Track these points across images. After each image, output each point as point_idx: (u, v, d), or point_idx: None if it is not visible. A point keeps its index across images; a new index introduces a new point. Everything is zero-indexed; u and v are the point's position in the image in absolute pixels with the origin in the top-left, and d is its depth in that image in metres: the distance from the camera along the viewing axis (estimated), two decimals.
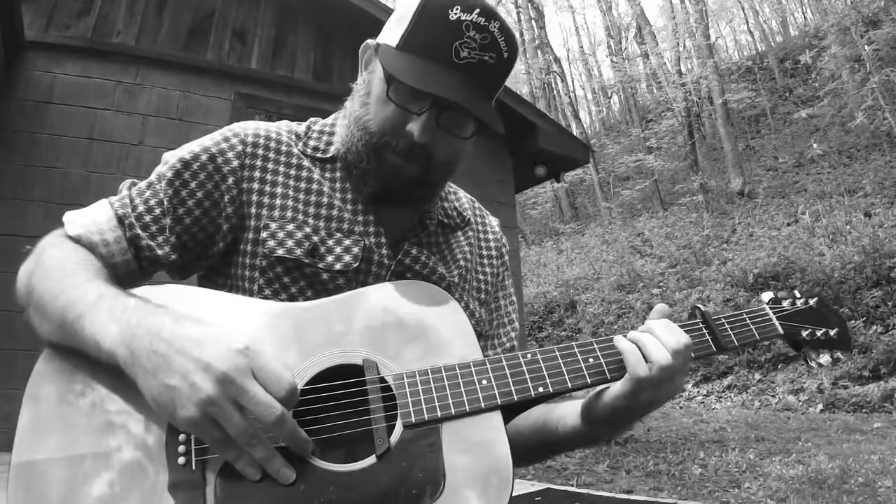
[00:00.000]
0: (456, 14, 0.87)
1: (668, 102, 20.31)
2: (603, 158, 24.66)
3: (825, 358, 1.03)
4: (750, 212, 15.63)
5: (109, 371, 0.77)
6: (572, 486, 4.83)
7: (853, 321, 9.03)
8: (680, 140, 19.95)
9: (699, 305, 1.00)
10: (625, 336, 0.90)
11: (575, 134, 14.09)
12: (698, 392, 10.45)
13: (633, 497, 4.36)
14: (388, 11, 5.89)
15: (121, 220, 0.93)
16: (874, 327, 8.97)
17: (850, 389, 8.57)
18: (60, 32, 4.95)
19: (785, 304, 1.05)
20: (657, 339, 0.87)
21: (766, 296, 1.07)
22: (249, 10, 5.78)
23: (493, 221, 1.23)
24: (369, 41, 0.99)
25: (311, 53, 5.96)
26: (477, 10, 0.88)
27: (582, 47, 38.56)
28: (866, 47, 14.75)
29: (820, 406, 8.59)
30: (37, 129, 4.74)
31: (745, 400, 9.65)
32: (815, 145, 15.03)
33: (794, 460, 5.24)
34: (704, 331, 0.95)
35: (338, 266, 0.95)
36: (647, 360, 0.85)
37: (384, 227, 1.00)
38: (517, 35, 1.22)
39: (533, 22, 27.70)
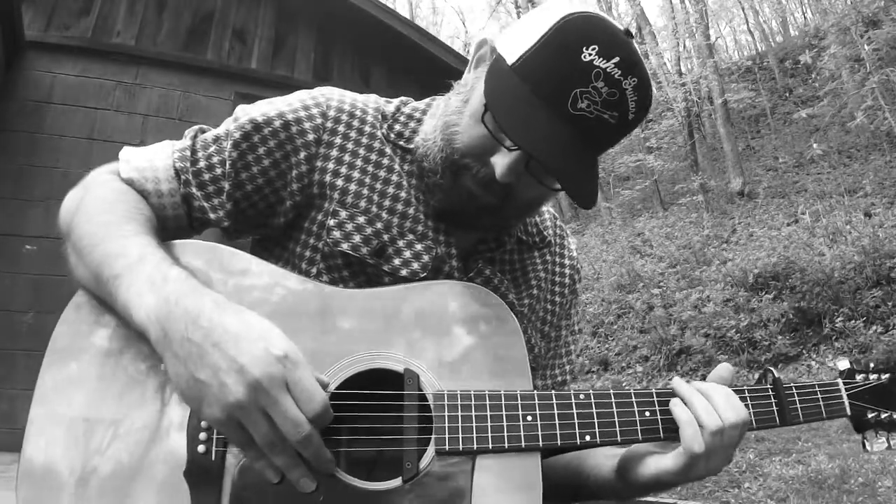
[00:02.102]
0: (590, 56, 0.73)
1: (668, 102, 20.30)
2: (603, 158, 24.55)
3: (881, 443, 0.97)
4: (750, 212, 15.63)
5: (140, 337, 0.73)
6: None
7: (853, 321, 9.02)
8: (680, 140, 19.94)
9: (772, 370, 0.94)
10: (682, 400, 0.82)
11: None
12: None
13: None
14: (389, 11, 5.88)
15: (178, 172, 0.87)
16: (874, 327, 8.96)
17: None
18: (60, 32, 4.95)
19: (858, 378, 0.99)
20: (716, 414, 0.78)
21: (843, 364, 1.01)
22: (249, 10, 5.78)
23: (573, 245, 1.13)
24: (487, 38, 0.87)
25: (311, 53, 5.96)
26: (616, 60, 0.74)
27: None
28: (866, 47, 14.74)
29: None
30: (37, 129, 4.75)
31: None
32: (815, 145, 15.02)
33: (794, 460, 5.24)
34: (773, 401, 0.89)
35: (404, 272, 0.87)
36: (700, 427, 0.78)
37: (456, 239, 0.92)
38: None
39: None
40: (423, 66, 5.88)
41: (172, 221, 0.87)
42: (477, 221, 0.89)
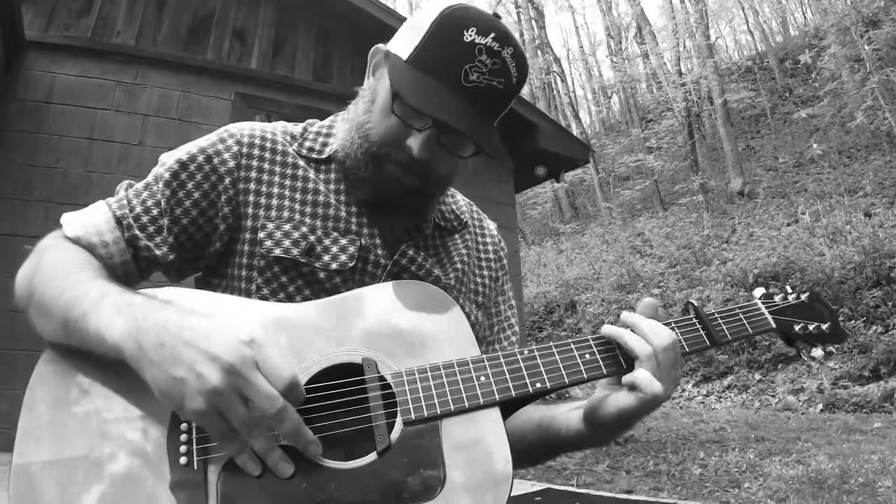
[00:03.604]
0: (470, 36, 0.87)
1: (668, 102, 20.31)
2: (603, 158, 24.66)
3: (818, 352, 1.05)
4: (750, 212, 15.63)
5: (111, 372, 0.77)
6: (572, 486, 4.83)
7: (853, 321, 9.03)
8: (680, 140, 19.95)
9: (692, 301, 1.02)
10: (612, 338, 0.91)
11: (575, 134, 14.09)
12: (698, 392, 10.45)
13: (633, 497, 4.36)
14: (389, 12, 5.88)
15: (119, 220, 0.93)
16: (874, 327, 8.97)
17: (850, 389, 8.56)
18: (60, 32, 4.95)
19: (777, 298, 1.08)
20: (649, 323, 0.89)
21: (758, 291, 1.09)
22: (249, 10, 5.78)
23: (492, 225, 1.23)
24: (380, 46, 0.99)
25: (311, 53, 5.97)
26: (492, 35, 0.87)
27: (582, 47, 38.57)
28: (866, 47, 14.75)
29: (820, 406, 8.59)
30: (37, 129, 4.74)
31: (745, 400, 9.65)
32: (815, 145, 15.03)
33: (794, 460, 5.24)
34: (698, 325, 0.97)
35: (334, 265, 0.96)
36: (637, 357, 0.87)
37: (380, 230, 1.01)
38: (517, 35, 1.22)
39: (533, 22, 27.70)
40: None
41: (121, 268, 0.93)
42: (405, 205, 0.99)
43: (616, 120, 32.32)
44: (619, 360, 0.90)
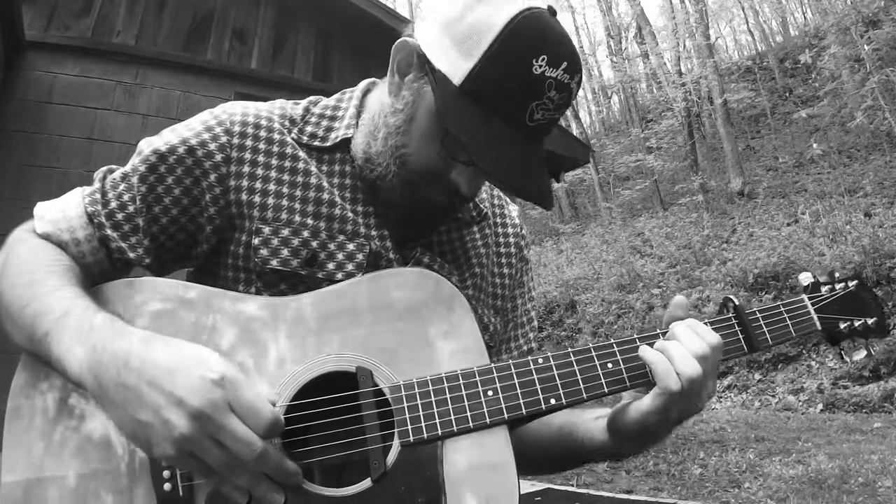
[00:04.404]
0: (541, 68, 0.74)
1: (668, 102, 20.29)
2: (603, 158, 24.65)
3: (860, 354, 0.93)
4: (750, 212, 15.62)
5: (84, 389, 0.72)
6: (572, 485, 4.83)
7: None
8: (680, 140, 19.94)
9: (732, 298, 0.89)
10: (650, 345, 0.80)
11: (575, 134, 14.01)
12: None
13: (633, 497, 4.36)
14: (389, 11, 5.88)
15: (91, 217, 0.85)
16: None
17: (850, 389, 8.56)
18: (60, 32, 4.95)
19: (824, 289, 0.95)
20: (683, 348, 0.77)
21: (805, 278, 0.96)
22: (249, 10, 5.78)
23: (513, 211, 1.10)
24: (410, 42, 0.83)
25: (311, 53, 5.96)
26: (564, 65, 0.75)
27: (582, 47, 38.55)
28: (866, 47, 14.74)
29: (820, 406, 8.58)
30: (37, 129, 4.74)
31: (745, 400, 9.65)
32: (815, 145, 15.01)
33: (794, 460, 5.23)
34: (737, 328, 0.86)
35: (339, 275, 0.85)
36: (670, 361, 0.76)
37: (389, 228, 0.90)
38: None
39: None
40: None
41: (95, 267, 0.85)
42: (431, 221, 0.91)
43: (616, 120, 32.31)
44: (644, 371, 0.80)
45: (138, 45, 5.19)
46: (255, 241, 0.85)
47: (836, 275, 0.98)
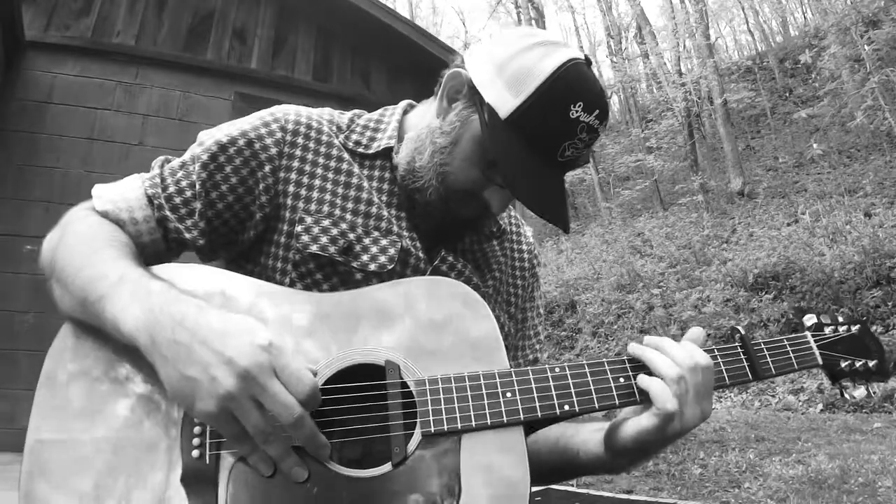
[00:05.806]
0: (576, 112, 0.84)
1: (668, 102, 20.30)
2: (603, 158, 24.65)
3: (860, 391, 0.98)
4: (750, 212, 15.63)
5: (128, 355, 0.76)
6: (572, 485, 4.83)
7: None
8: (680, 140, 19.94)
9: (739, 328, 0.95)
10: (640, 357, 0.86)
11: None
12: None
13: (633, 497, 4.36)
14: (389, 11, 5.88)
15: (150, 199, 0.91)
16: (874, 327, 8.96)
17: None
18: (60, 32, 4.96)
19: (827, 330, 1.00)
20: (668, 358, 0.83)
21: (809, 320, 1.02)
22: (249, 10, 5.78)
23: (528, 232, 1.21)
24: (463, 74, 0.93)
25: (311, 53, 5.97)
26: (596, 112, 0.86)
27: (582, 47, 38.57)
28: (866, 47, 14.74)
29: (820, 406, 8.59)
30: (37, 129, 4.75)
31: (745, 400, 9.65)
32: (815, 145, 15.02)
33: (794, 460, 5.24)
34: (742, 356, 0.91)
35: (372, 266, 0.93)
36: (662, 379, 0.82)
37: (418, 231, 0.99)
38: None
39: (533, 22, 27.69)
40: (422, 66, 5.88)
41: (150, 247, 0.91)
42: (458, 232, 1.01)
43: (616, 120, 32.31)
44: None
45: (138, 45, 5.19)
46: (298, 228, 0.93)
47: (840, 319, 1.03)
